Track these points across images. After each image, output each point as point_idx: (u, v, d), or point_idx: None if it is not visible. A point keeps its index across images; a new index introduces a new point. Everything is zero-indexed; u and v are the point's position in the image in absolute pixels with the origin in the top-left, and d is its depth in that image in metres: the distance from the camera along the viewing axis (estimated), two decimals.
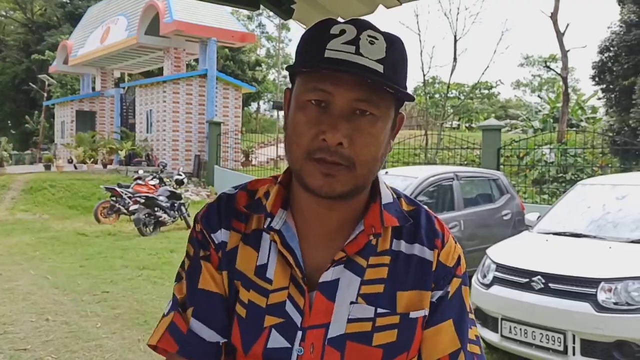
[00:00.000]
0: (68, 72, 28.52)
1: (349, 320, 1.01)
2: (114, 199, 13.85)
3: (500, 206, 8.08)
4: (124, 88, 24.60)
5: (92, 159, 20.73)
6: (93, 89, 27.20)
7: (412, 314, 1.02)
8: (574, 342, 4.26)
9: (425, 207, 1.11)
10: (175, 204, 13.00)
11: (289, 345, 1.02)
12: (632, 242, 4.85)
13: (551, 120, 25.81)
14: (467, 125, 37.66)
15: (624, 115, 14.42)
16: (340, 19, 1.06)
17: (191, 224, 10.77)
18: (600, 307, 4.21)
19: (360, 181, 0.98)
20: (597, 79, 16.02)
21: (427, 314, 1.04)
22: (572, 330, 4.26)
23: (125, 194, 13.64)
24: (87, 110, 25.99)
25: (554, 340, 4.35)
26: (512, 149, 14.86)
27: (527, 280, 4.60)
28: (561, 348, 4.31)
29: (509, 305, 4.66)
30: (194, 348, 1.05)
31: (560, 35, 20.20)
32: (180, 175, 14.01)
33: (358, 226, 1.03)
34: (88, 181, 18.14)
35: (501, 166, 12.51)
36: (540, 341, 4.40)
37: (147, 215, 12.34)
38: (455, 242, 1.09)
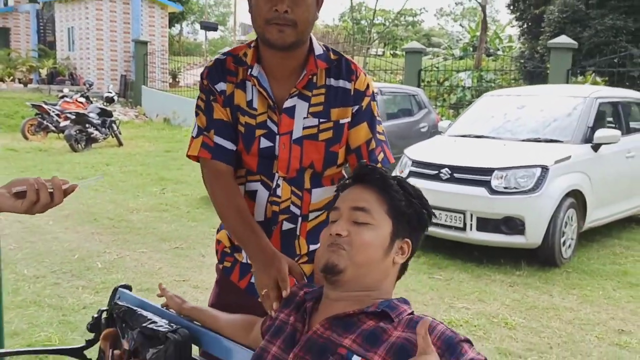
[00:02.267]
0: None
1: (304, 128, 1.66)
2: (40, 116, 13.71)
3: (419, 119, 8.94)
4: (41, 3, 23.37)
5: (10, 77, 19.96)
6: (5, 3, 25.60)
7: (341, 121, 1.68)
8: (471, 220, 5.20)
9: (346, 56, 1.76)
10: (107, 121, 13.08)
11: (272, 144, 1.68)
12: (522, 140, 5.80)
13: (471, 49, 26.93)
14: (391, 52, 38.45)
15: (533, 42, 15.58)
16: None
17: (123, 141, 11.02)
18: (493, 191, 5.14)
19: (300, 36, 1.56)
20: (512, 7, 17.05)
21: (349, 120, 1.70)
22: (470, 210, 5.18)
23: (53, 111, 13.54)
24: (0, 26, 24.59)
25: (455, 220, 5.26)
26: (433, 72, 15.75)
27: (436, 172, 5.45)
28: (461, 225, 5.24)
29: None
30: (222, 154, 1.68)
31: None
32: (111, 92, 14.01)
33: (303, 71, 1.66)
34: (9, 99, 17.61)
35: (422, 88, 13.39)
36: (445, 221, 5.30)
37: (78, 131, 12.40)
38: (365, 75, 1.74)
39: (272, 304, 1.46)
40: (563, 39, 11.78)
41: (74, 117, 12.42)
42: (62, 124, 12.76)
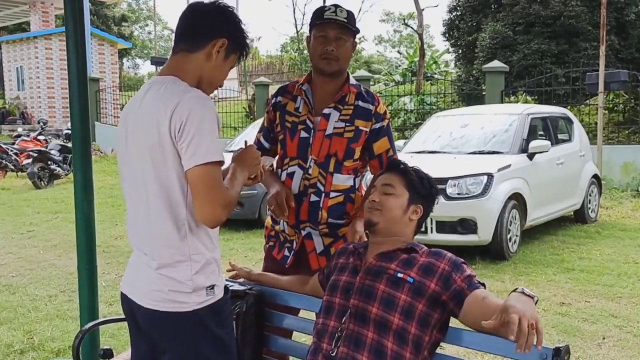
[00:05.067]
0: None
1: (334, 129, 2.42)
2: None
3: None
4: None
5: None
6: None
7: (360, 127, 2.44)
8: (431, 224, 5.99)
9: (372, 91, 2.52)
10: (68, 158, 13.34)
11: (308, 136, 2.43)
12: (469, 153, 6.69)
13: (410, 74, 28.31)
14: None
15: (469, 66, 16.82)
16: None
17: None
18: (448, 197, 5.96)
19: (339, 66, 2.39)
20: (447, 35, 18.32)
21: (367, 130, 2.43)
22: (430, 215, 5.95)
23: (12, 151, 13.71)
24: None
25: None
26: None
27: None
28: (423, 229, 6.00)
29: None
30: (260, 148, 2.50)
31: None
32: (70, 130, 14.24)
33: (340, 92, 2.42)
34: None
35: None
36: None
37: (40, 169, 12.61)
38: (383, 103, 2.50)
39: (280, 214, 2.36)
40: (495, 64, 13.00)
41: (35, 154, 12.65)
42: (24, 162, 12.96)
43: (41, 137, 14.18)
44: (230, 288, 2.33)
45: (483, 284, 1.84)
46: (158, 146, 1.66)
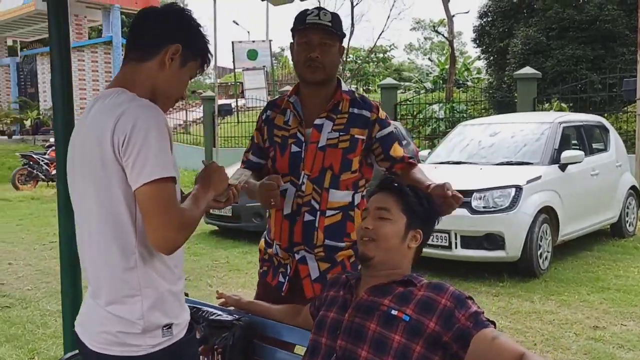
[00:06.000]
0: None
1: (327, 140, 2.20)
2: (30, 165, 14.04)
3: None
4: (21, 57, 23.83)
5: None
6: None
7: (356, 136, 2.22)
8: (456, 239, 5.71)
9: (370, 98, 2.30)
10: None
11: (300, 150, 2.22)
12: (497, 164, 6.38)
13: (441, 82, 27.92)
14: (364, 88, 39.49)
15: (500, 73, 16.40)
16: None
17: None
18: (474, 211, 5.67)
19: (327, 74, 2.20)
20: (477, 41, 17.94)
21: (364, 138, 2.22)
22: (454, 229, 5.69)
23: (43, 161, 13.90)
24: None
25: (441, 239, 5.77)
26: (407, 105, 16.48)
27: None
28: (447, 244, 5.74)
29: None
30: (250, 165, 2.36)
31: (445, 1, 22.04)
32: None
33: (331, 100, 2.23)
34: None
35: (398, 121, 14.07)
36: (432, 240, 5.79)
37: None
38: (383, 110, 2.27)
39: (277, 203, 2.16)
40: (528, 70, 12.59)
41: None
42: (53, 172, 13.10)
43: None
44: (217, 318, 2.15)
45: (493, 322, 1.59)
46: (100, 164, 1.46)
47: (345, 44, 2.41)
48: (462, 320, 1.55)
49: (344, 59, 32.29)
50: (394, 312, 1.60)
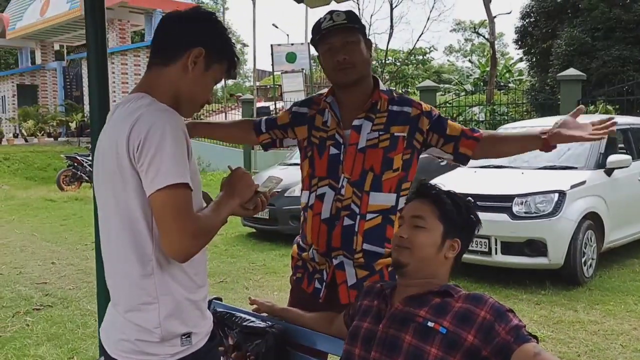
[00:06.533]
0: (5, 46, 27.96)
1: (367, 140, 2.14)
2: (74, 167, 14.40)
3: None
4: (67, 61, 24.52)
5: (42, 132, 20.86)
6: (33, 62, 26.86)
7: (396, 134, 2.15)
8: (496, 245, 5.57)
9: (409, 97, 2.24)
10: None
11: (338, 152, 2.17)
12: (538, 169, 6.20)
13: (481, 84, 27.51)
14: (403, 90, 39.21)
15: (543, 75, 16.05)
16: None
17: None
18: (514, 216, 5.52)
19: (359, 73, 2.13)
20: (519, 42, 17.61)
21: (405, 135, 2.15)
22: (495, 235, 5.55)
23: (87, 162, 14.24)
24: (29, 84, 25.74)
25: (481, 245, 5.64)
26: (447, 107, 16.28)
27: None
28: (487, 250, 5.61)
29: None
30: (256, 123, 2.42)
31: (486, 2, 21.70)
32: None
33: (369, 100, 2.17)
34: (41, 153, 18.44)
35: None
36: (471, 246, 5.65)
37: None
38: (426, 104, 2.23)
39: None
40: (572, 72, 12.26)
41: None
42: None
43: None
44: (250, 325, 2.13)
45: (535, 337, 1.52)
46: (117, 170, 1.44)
47: (383, 45, 2.37)
48: (503, 334, 1.49)
49: (383, 61, 32.12)
50: (430, 323, 1.54)
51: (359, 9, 36.13)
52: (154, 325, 1.46)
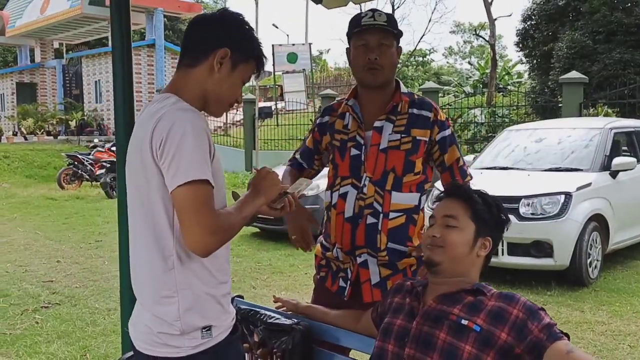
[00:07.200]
0: (4, 44, 27.91)
1: (389, 141, 2.17)
2: (75, 165, 14.39)
3: None
4: (66, 59, 24.48)
5: (41, 130, 20.84)
6: (32, 60, 26.82)
7: (418, 137, 2.17)
8: (502, 245, 5.59)
9: (429, 100, 2.26)
10: None
11: (359, 152, 2.21)
12: (544, 170, 6.24)
13: (481, 86, 27.51)
14: None
15: (544, 77, 16.06)
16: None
17: None
18: (521, 218, 5.55)
19: (386, 77, 2.17)
20: (520, 45, 17.62)
21: (426, 139, 2.18)
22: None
23: (87, 161, 14.23)
24: (28, 82, 25.71)
25: None
26: (448, 110, 16.29)
27: None
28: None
29: None
30: (295, 164, 2.44)
31: (487, 4, 21.75)
32: None
33: (390, 102, 2.20)
34: (41, 151, 18.42)
35: None
36: None
37: (112, 179, 12.98)
38: (442, 111, 2.24)
39: (301, 245, 2.28)
40: (574, 74, 12.30)
41: (108, 165, 13.07)
42: (98, 172, 13.41)
43: (115, 149, 14.61)
44: (276, 322, 2.15)
45: (567, 335, 1.54)
46: (141, 168, 1.50)
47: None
48: (536, 331, 1.51)
49: None
50: (464, 321, 1.56)
51: (360, 9, 36.21)
52: (174, 318, 1.50)
